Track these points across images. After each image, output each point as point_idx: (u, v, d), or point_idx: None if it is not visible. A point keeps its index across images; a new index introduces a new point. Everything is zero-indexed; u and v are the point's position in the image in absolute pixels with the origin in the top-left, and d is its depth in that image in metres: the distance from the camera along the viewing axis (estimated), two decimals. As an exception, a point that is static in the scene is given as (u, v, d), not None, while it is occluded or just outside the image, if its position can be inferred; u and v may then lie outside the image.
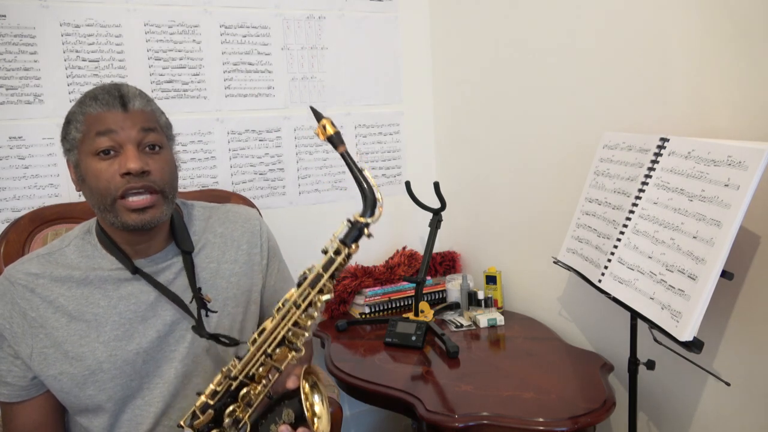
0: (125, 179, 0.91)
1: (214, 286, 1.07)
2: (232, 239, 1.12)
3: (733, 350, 1.11)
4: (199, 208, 1.14)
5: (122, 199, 0.91)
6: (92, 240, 1.01)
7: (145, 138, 0.94)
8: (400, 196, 1.81)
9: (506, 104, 1.70)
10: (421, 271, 1.62)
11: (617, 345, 1.37)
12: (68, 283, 0.97)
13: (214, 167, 1.72)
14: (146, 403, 1.01)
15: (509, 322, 1.63)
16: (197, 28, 1.65)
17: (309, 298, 0.88)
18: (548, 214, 1.58)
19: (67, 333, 0.96)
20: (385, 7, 1.92)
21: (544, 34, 1.52)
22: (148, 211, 0.93)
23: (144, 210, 0.92)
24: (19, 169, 1.49)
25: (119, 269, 0.99)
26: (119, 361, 0.97)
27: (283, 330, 0.89)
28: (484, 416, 1.12)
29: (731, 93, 1.08)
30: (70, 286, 0.97)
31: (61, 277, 0.97)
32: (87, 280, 0.98)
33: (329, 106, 1.86)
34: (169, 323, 1.01)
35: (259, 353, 0.90)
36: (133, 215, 0.92)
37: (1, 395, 0.98)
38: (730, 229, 0.91)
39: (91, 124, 0.92)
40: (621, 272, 1.11)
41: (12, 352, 0.96)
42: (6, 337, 0.96)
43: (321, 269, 0.87)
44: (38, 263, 0.99)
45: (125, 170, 0.90)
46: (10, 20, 1.45)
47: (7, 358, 0.96)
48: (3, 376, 0.97)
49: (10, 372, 0.97)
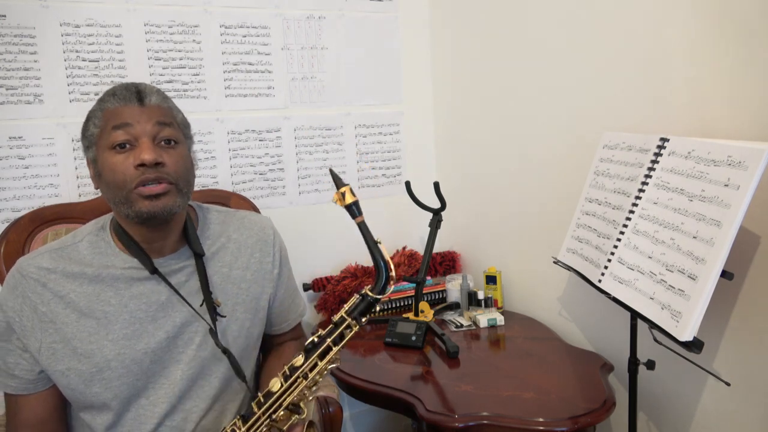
0: (140, 170, 0.91)
1: (224, 290, 1.07)
2: (245, 246, 1.12)
3: (733, 350, 1.11)
4: (214, 212, 1.14)
5: (136, 189, 0.92)
6: (106, 237, 1.01)
7: (161, 132, 0.94)
8: (400, 196, 1.81)
9: (506, 104, 1.70)
10: (421, 271, 1.62)
11: (617, 345, 1.37)
12: (80, 279, 0.97)
13: (214, 167, 1.72)
14: (150, 403, 1.01)
15: (509, 322, 1.63)
16: (197, 28, 1.65)
17: (317, 369, 0.89)
18: (548, 214, 1.58)
19: (77, 329, 0.96)
20: (385, 7, 1.92)
21: (544, 34, 1.52)
22: (161, 198, 0.93)
23: (157, 197, 0.92)
24: (19, 169, 1.49)
25: (132, 268, 0.99)
26: (127, 360, 0.97)
27: (290, 398, 0.90)
28: (484, 416, 1.12)
29: (731, 93, 1.08)
30: (82, 282, 0.97)
31: (73, 272, 0.97)
32: (99, 277, 0.98)
33: (329, 106, 1.86)
34: (179, 325, 1.01)
35: (264, 417, 0.90)
36: (146, 202, 0.92)
37: (8, 387, 0.98)
38: (730, 229, 0.91)
39: (108, 119, 0.93)
40: (621, 272, 1.11)
41: (21, 345, 0.96)
42: (15, 330, 0.96)
43: (331, 342, 0.89)
44: (50, 258, 0.99)
45: (139, 161, 0.90)
46: (10, 20, 1.45)
47: (16, 351, 0.97)
48: (11, 369, 0.97)
49: (18, 365, 0.97)
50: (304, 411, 0.92)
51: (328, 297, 1.77)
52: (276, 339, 1.24)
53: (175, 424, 1.03)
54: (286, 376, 0.90)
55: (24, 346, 0.96)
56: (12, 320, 0.96)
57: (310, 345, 0.90)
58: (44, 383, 0.99)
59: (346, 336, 0.89)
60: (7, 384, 0.98)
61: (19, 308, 0.95)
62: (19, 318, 0.95)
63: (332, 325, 0.90)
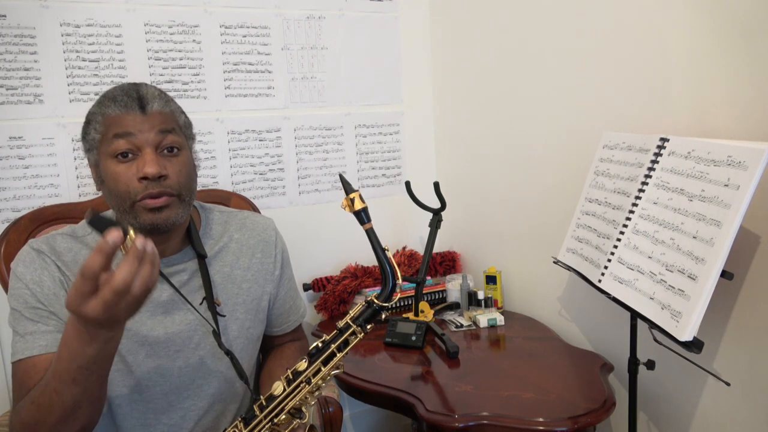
0: (143, 184, 0.91)
1: (225, 290, 1.07)
2: (247, 247, 1.13)
3: (733, 350, 1.11)
4: (217, 213, 1.15)
5: (140, 201, 0.92)
6: None
7: (164, 140, 0.94)
8: (400, 196, 1.81)
9: (506, 104, 1.70)
10: (421, 271, 1.62)
11: (617, 345, 1.37)
12: None
13: (214, 167, 1.72)
14: (144, 399, 1.01)
15: (509, 322, 1.63)
16: (197, 28, 1.65)
17: (321, 374, 0.89)
18: (548, 214, 1.58)
19: None
20: (385, 7, 1.92)
21: (544, 34, 1.52)
22: (164, 211, 0.93)
23: (160, 210, 0.93)
24: (19, 169, 1.49)
25: None
26: (122, 350, 0.98)
27: (292, 402, 0.89)
28: (484, 416, 1.12)
29: (731, 93, 1.08)
30: None
31: (86, 257, 0.97)
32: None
33: (329, 106, 1.86)
34: (178, 323, 1.02)
35: (265, 421, 0.90)
36: (149, 215, 0.93)
37: (38, 348, 0.92)
38: (730, 229, 0.91)
39: (109, 126, 0.93)
40: (621, 272, 1.11)
41: (46, 313, 0.94)
42: (40, 299, 0.94)
43: (335, 348, 0.89)
44: (63, 240, 0.99)
45: (142, 175, 0.91)
46: (10, 20, 1.45)
47: (45, 312, 0.94)
48: (39, 329, 0.93)
49: (48, 324, 0.93)
50: (305, 415, 0.92)
51: (328, 297, 1.77)
52: (277, 340, 1.24)
53: (173, 422, 1.03)
54: (289, 380, 0.89)
55: (50, 313, 0.94)
56: (34, 290, 0.94)
57: (314, 350, 0.89)
58: None
59: (350, 342, 0.89)
60: (36, 344, 0.92)
61: (38, 279, 0.95)
62: (40, 288, 0.94)
63: (337, 331, 0.89)
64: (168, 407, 1.03)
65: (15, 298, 0.94)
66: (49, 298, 0.94)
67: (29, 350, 0.91)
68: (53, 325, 0.94)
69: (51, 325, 0.93)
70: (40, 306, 0.94)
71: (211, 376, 1.05)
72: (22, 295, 0.94)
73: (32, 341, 0.92)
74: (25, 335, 0.92)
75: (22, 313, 0.93)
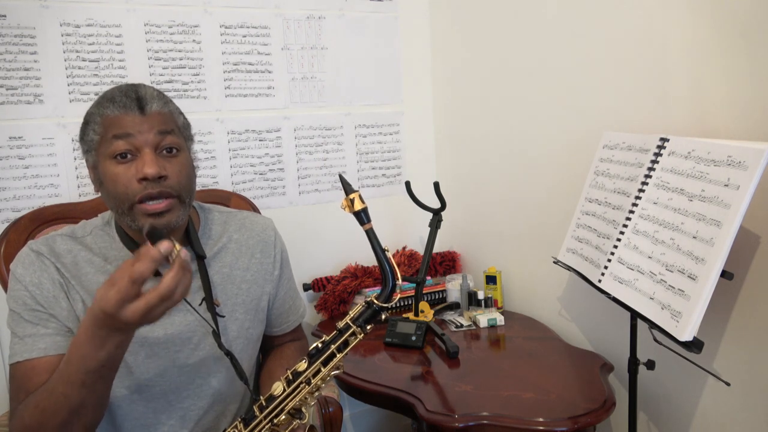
0: (142, 185, 0.91)
1: (225, 290, 1.07)
2: (246, 247, 1.12)
3: (733, 350, 1.11)
4: (216, 213, 1.14)
5: (140, 203, 0.91)
6: (111, 232, 1.02)
7: (163, 141, 0.94)
8: (400, 196, 1.81)
9: (506, 104, 1.70)
10: (421, 271, 1.62)
11: (617, 345, 1.37)
12: (91, 266, 0.98)
13: (214, 167, 1.72)
14: (144, 399, 1.01)
15: (509, 322, 1.63)
16: (197, 28, 1.65)
17: (321, 375, 0.88)
18: (548, 214, 1.58)
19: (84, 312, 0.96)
20: (385, 7, 1.92)
21: (544, 34, 1.52)
22: (165, 215, 0.93)
23: (160, 214, 0.92)
24: (19, 169, 1.49)
25: None
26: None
27: (292, 402, 0.89)
28: (484, 416, 1.12)
29: (731, 93, 1.08)
30: (92, 271, 0.98)
31: (85, 259, 0.99)
32: (105, 270, 0.99)
33: (329, 106, 1.86)
34: (178, 324, 1.02)
35: (265, 421, 0.90)
36: (149, 219, 0.92)
37: (36, 351, 0.92)
38: (730, 229, 0.91)
39: (108, 127, 0.92)
40: (621, 272, 1.11)
41: (45, 316, 0.94)
42: (40, 302, 0.94)
43: (335, 349, 0.88)
44: (63, 242, 0.99)
45: (142, 175, 0.90)
46: (10, 20, 1.45)
47: (44, 315, 0.94)
48: (39, 331, 0.93)
49: (47, 326, 0.93)
50: (305, 416, 0.92)
51: (328, 297, 1.77)
52: (276, 340, 1.24)
53: (173, 422, 1.03)
54: (289, 380, 0.89)
55: (50, 315, 0.94)
56: (34, 293, 0.94)
57: (314, 350, 0.89)
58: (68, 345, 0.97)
59: (350, 343, 0.89)
60: (36, 347, 0.92)
61: (38, 281, 0.95)
62: (39, 290, 0.94)
63: (337, 332, 0.89)
64: (168, 407, 1.02)
65: (14, 300, 0.94)
66: (48, 300, 0.94)
67: (28, 353, 0.91)
68: (53, 327, 0.94)
69: (50, 328, 0.93)
70: (39, 308, 0.94)
71: (210, 377, 1.05)
72: (21, 297, 0.94)
73: (31, 344, 0.92)
74: (24, 337, 0.92)
75: (21, 315, 0.93)
